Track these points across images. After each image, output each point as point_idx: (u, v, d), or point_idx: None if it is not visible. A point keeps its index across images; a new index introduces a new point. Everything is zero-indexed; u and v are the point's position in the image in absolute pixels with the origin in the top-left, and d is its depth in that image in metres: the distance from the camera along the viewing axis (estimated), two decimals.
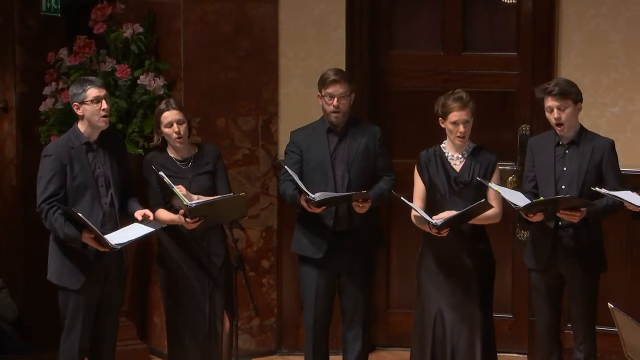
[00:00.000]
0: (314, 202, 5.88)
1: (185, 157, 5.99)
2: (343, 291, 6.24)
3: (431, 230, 5.71)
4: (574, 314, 5.90)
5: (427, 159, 5.91)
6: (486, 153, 5.90)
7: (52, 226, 5.62)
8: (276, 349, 7.26)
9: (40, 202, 5.65)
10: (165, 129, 5.92)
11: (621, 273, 6.66)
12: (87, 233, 5.55)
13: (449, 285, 5.85)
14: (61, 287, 5.76)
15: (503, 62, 7.07)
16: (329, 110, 6.10)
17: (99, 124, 5.73)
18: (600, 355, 6.15)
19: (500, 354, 7.03)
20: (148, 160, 6.02)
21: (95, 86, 5.73)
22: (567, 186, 5.77)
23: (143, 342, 7.16)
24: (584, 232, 5.74)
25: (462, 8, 7.08)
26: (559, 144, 5.84)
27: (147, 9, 6.99)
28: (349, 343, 6.28)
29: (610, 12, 6.76)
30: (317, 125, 6.20)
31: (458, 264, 5.83)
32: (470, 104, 5.82)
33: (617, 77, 6.78)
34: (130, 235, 5.64)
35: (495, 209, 5.77)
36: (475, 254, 5.85)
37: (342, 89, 6.07)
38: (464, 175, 5.83)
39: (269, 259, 7.18)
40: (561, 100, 5.74)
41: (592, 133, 5.87)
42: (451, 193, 5.84)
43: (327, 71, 6.15)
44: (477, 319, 5.85)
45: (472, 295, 5.84)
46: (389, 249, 7.19)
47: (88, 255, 5.66)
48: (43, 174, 5.69)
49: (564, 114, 5.75)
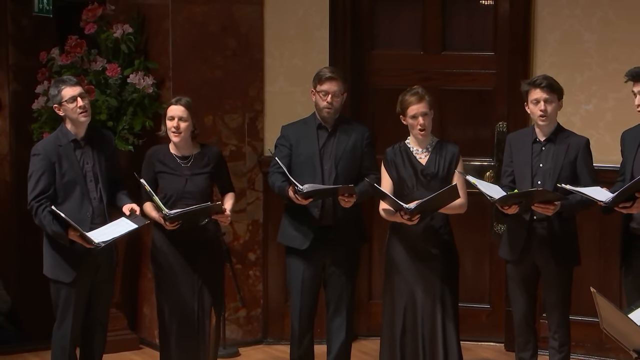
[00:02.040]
0: (302, 194, 5.87)
1: (186, 155, 5.95)
2: (328, 283, 6.23)
3: (403, 217, 5.69)
4: (548, 303, 5.91)
5: (393, 154, 5.92)
6: (449, 146, 5.92)
7: (41, 223, 5.63)
8: (262, 338, 7.26)
9: (30, 199, 5.65)
10: (168, 122, 5.89)
11: (594, 264, 6.68)
12: (72, 231, 5.54)
13: (418, 272, 5.85)
14: (53, 280, 5.73)
15: (481, 62, 7.07)
16: (322, 106, 6.09)
17: (80, 120, 5.69)
18: (575, 343, 6.17)
19: (478, 342, 7.09)
20: (149, 154, 6.01)
21: (69, 85, 5.69)
22: (543, 182, 5.77)
23: (133, 332, 7.15)
24: (558, 225, 5.75)
25: (442, 9, 7.08)
26: (536, 141, 5.85)
27: (136, 10, 6.98)
28: (333, 333, 6.28)
29: (583, 13, 6.77)
30: (308, 121, 6.20)
31: (425, 254, 5.85)
32: (427, 97, 5.83)
33: (590, 76, 6.79)
34: (114, 232, 5.61)
35: (460, 200, 5.78)
36: (440, 244, 5.86)
37: (336, 87, 6.08)
38: (430, 168, 5.85)
39: (255, 252, 7.18)
40: (549, 93, 5.76)
41: (568, 131, 5.88)
42: (419, 185, 5.85)
43: (324, 69, 6.17)
44: (448, 301, 5.84)
45: (440, 281, 5.84)
46: (371, 243, 7.16)
47: (78, 250, 5.64)
48: (32, 172, 5.68)
49: (550, 107, 5.77)
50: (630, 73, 5.52)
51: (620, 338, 3.71)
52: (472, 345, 7.03)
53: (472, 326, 7.07)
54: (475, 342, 7.10)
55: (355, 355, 6.54)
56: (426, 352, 5.85)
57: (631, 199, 5.35)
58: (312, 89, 6.13)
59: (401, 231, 5.83)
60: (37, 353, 6.82)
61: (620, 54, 6.68)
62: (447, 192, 5.65)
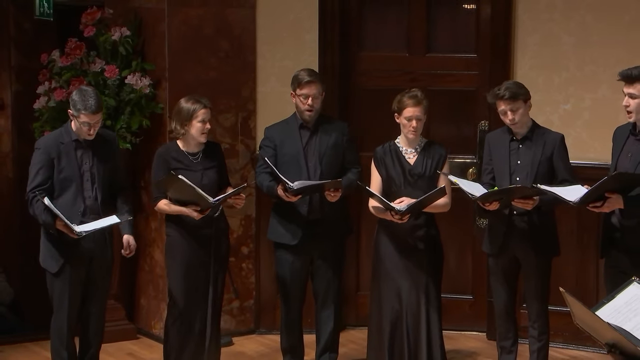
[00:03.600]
0: (292, 190, 5.89)
1: (195, 151, 5.95)
2: (316, 275, 6.25)
3: (393, 217, 5.73)
4: (528, 294, 5.92)
5: (383, 153, 5.94)
6: (437, 147, 5.93)
7: (34, 212, 5.66)
8: (255, 328, 7.27)
9: (28, 190, 5.69)
10: (199, 124, 5.87)
11: (572, 256, 6.68)
12: (59, 221, 5.57)
13: (404, 265, 5.84)
14: (44, 269, 5.78)
15: (464, 63, 7.09)
16: (303, 109, 6.11)
17: (84, 136, 5.72)
18: (553, 332, 6.19)
19: (461, 332, 7.11)
20: (161, 153, 5.98)
21: (88, 112, 5.61)
22: (522, 178, 5.78)
23: (131, 323, 7.16)
24: (537, 219, 5.76)
25: (426, 13, 7.09)
26: (513, 139, 5.85)
27: (133, 13, 6.97)
28: (322, 323, 6.29)
29: (562, 17, 6.79)
30: (290, 121, 6.20)
31: (411, 248, 5.86)
32: (424, 102, 5.84)
33: (568, 77, 6.80)
34: (96, 225, 5.63)
35: (445, 199, 5.81)
36: (427, 239, 5.88)
37: (315, 90, 6.08)
38: (418, 168, 5.87)
39: (248, 246, 7.19)
40: (512, 102, 5.74)
41: (544, 128, 5.89)
42: (406, 184, 5.86)
43: (301, 72, 6.14)
44: (432, 293, 5.87)
45: (425, 274, 5.85)
46: (359, 236, 7.17)
47: (67, 242, 5.66)
48: (32, 165, 5.71)
49: (517, 114, 5.76)
50: (622, 74, 5.44)
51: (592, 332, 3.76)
52: (456, 334, 7.06)
53: (456, 316, 7.10)
54: (459, 332, 7.13)
55: (343, 344, 6.57)
56: (410, 342, 5.87)
57: (601, 199, 5.30)
58: (292, 92, 6.15)
59: (389, 226, 5.84)
60: (38, 342, 6.81)
61: (597, 56, 6.70)
62: (435, 194, 5.68)
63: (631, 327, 3.67)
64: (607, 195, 5.29)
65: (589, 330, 3.77)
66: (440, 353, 5.89)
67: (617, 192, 5.29)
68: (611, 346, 3.66)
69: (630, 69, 5.42)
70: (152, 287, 7.06)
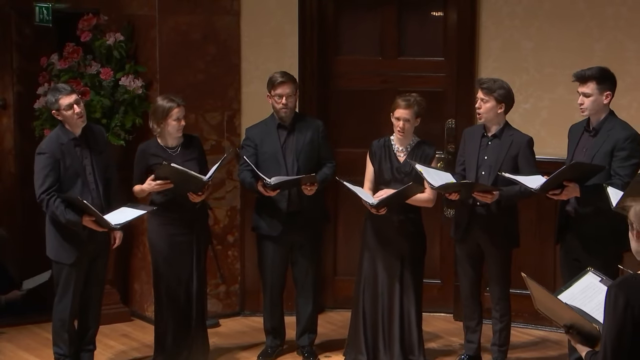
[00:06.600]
0: (270, 186, 5.92)
1: (174, 145, 5.97)
2: (295, 262, 6.28)
3: (371, 209, 5.77)
4: (490, 280, 5.98)
5: (377, 147, 5.97)
6: (426, 147, 5.95)
7: (54, 213, 5.63)
8: (240, 311, 7.28)
9: (40, 193, 5.65)
10: (174, 122, 5.88)
11: (531, 244, 6.69)
12: (87, 217, 5.58)
13: (384, 252, 5.90)
14: (55, 261, 5.77)
15: (432, 66, 7.10)
16: (279, 108, 6.12)
17: (78, 124, 5.73)
18: (514, 313, 6.23)
19: (429, 313, 7.10)
20: (142, 149, 5.98)
21: (64, 94, 5.65)
22: (486, 173, 5.83)
23: (125, 306, 7.15)
24: (497, 211, 5.78)
25: (398, 20, 7.09)
26: (484, 136, 5.90)
27: (127, 20, 6.96)
28: (301, 306, 6.33)
29: (522, 24, 6.82)
30: (268, 122, 6.22)
31: (395, 239, 5.91)
32: (415, 107, 5.85)
33: (528, 79, 6.83)
34: (125, 216, 5.66)
35: (429, 195, 5.85)
36: (410, 234, 5.93)
37: (288, 89, 6.09)
38: (405, 167, 5.90)
39: (233, 235, 7.20)
40: (485, 94, 5.80)
41: (514, 129, 5.89)
42: (394, 180, 5.89)
43: (274, 74, 6.15)
44: (410, 281, 5.92)
45: (403, 262, 5.90)
46: (336, 224, 7.19)
47: (81, 235, 5.68)
48: (40, 169, 5.67)
49: (484, 106, 5.81)
50: (576, 75, 5.49)
51: (551, 316, 3.79)
52: (425, 315, 6.91)
53: (425, 299, 6.98)
54: (428, 313, 7.09)
55: (321, 325, 6.61)
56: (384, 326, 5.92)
57: (560, 187, 5.39)
58: (267, 93, 6.17)
59: (374, 217, 5.87)
60: (40, 325, 6.82)
61: (554, 59, 6.74)
62: (407, 189, 5.72)
63: (587, 310, 3.72)
64: (565, 183, 5.37)
65: (548, 314, 3.80)
66: (417, 337, 5.94)
67: (574, 181, 5.36)
68: (569, 327, 3.70)
69: (584, 70, 5.50)
70: (144, 273, 7.06)
